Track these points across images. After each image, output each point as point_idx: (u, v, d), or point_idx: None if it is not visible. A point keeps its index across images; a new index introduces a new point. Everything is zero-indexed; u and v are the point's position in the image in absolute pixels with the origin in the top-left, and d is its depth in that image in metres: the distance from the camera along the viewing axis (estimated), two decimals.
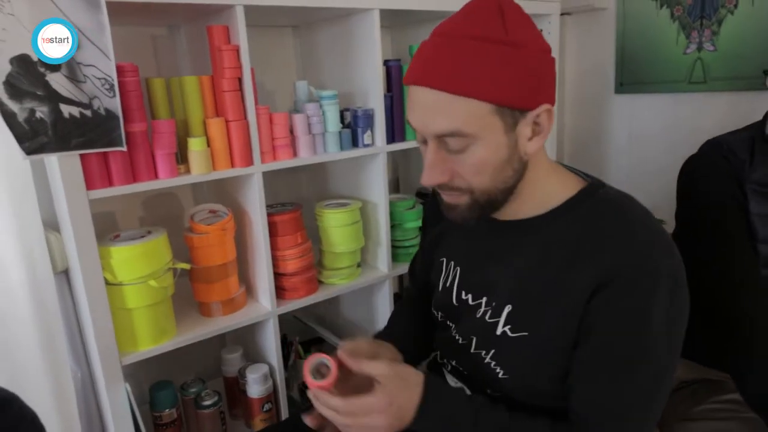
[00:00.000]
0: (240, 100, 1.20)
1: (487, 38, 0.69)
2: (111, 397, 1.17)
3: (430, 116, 0.73)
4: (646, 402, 0.74)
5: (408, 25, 1.73)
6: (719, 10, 1.76)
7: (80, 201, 1.04)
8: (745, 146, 1.14)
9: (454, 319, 0.93)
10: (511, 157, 0.75)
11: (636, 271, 0.71)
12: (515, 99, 0.71)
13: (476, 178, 0.75)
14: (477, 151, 0.73)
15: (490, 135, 0.72)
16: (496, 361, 0.83)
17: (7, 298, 1.21)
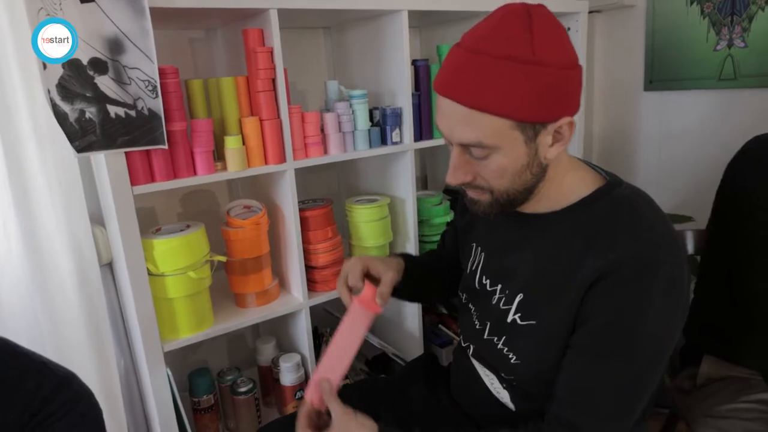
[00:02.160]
0: (273, 100, 1.25)
1: (512, 57, 0.71)
2: (154, 382, 1.24)
3: (454, 126, 0.76)
4: (624, 399, 0.76)
5: (436, 25, 1.76)
6: (750, 6, 1.75)
7: (125, 196, 1.11)
8: None
9: (474, 302, 0.97)
10: (531, 163, 0.78)
11: (635, 266, 0.74)
12: (536, 115, 0.74)
13: (496, 181, 0.80)
14: (498, 160, 0.77)
15: (511, 146, 0.75)
16: (507, 347, 0.87)
17: (57, 288, 1.29)
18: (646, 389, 0.78)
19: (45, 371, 0.83)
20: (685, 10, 1.91)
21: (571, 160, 0.87)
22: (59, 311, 1.30)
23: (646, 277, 0.74)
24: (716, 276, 1.25)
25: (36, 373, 0.82)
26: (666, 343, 0.77)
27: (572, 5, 1.69)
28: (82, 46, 0.99)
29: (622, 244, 0.75)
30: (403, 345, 1.68)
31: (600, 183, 0.85)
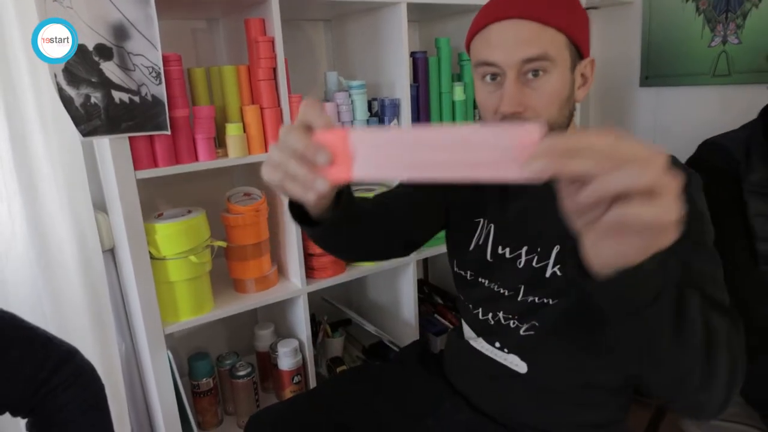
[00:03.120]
0: (274, 89, 1.27)
1: None
2: (155, 364, 1.26)
3: (521, 44, 0.82)
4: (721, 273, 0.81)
5: (434, 19, 1.78)
6: (744, 3, 1.78)
7: (129, 180, 1.13)
8: (740, 147, 1.16)
9: (487, 274, 1.00)
10: (570, 96, 0.86)
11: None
12: (580, 40, 0.84)
13: (547, 108, 0.84)
14: (552, 80, 0.83)
15: (562, 66, 0.83)
16: (544, 297, 0.91)
17: (60, 273, 1.32)
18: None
19: (50, 345, 0.86)
20: (681, 6, 1.93)
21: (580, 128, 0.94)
22: (62, 295, 1.33)
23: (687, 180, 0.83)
24: None
25: (42, 346, 0.85)
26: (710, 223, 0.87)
27: None
28: (88, 32, 1.01)
29: None
30: (400, 333, 1.71)
31: None
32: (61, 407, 0.83)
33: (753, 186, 1.13)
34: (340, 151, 0.55)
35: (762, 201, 1.13)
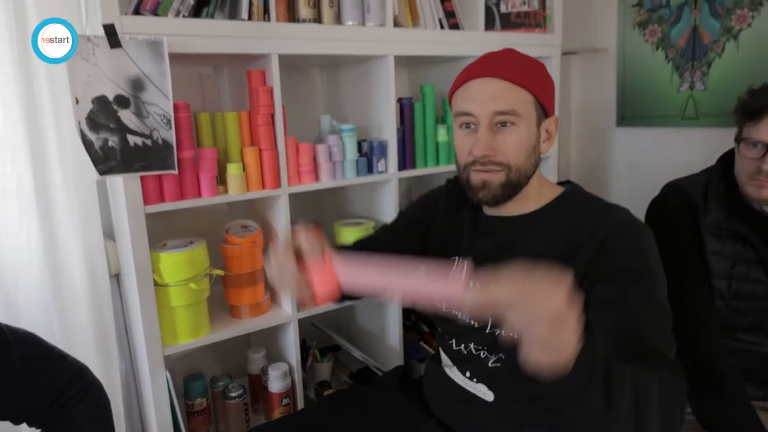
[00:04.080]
0: (272, 133, 1.40)
1: (525, 56, 1.00)
2: (154, 384, 1.36)
3: (494, 99, 0.95)
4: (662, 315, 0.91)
5: (422, 65, 1.93)
6: (708, 53, 1.93)
7: (138, 213, 1.25)
8: (699, 191, 1.27)
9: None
10: (535, 148, 1.00)
11: (622, 228, 0.94)
12: (545, 101, 0.99)
13: (515, 155, 0.97)
14: (519, 132, 0.96)
15: (529, 121, 0.97)
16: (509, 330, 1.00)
17: (70, 296, 1.42)
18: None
19: (65, 362, 0.97)
20: (652, 54, 2.09)
21: (545, 178, 1.09)
22: (70, 317, 1.43)
23: (635, 228, 0.94)
24: None
25: (57, 363, 0.95)
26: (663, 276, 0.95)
27: (546, 50, 1.86)
28: (109, 85, 1.14)
29: (605, 221, 0.95)
30: (385, 359, 1.80)
31: (563, 188, 1.06)
32: (73, 418, 0.93)
33: (708, 227, 1.25)
34: (326, 274, 0.75)
35: (717, 241, 1.25)
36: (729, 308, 1.24)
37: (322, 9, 1.42)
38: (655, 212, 1.36)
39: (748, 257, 1.22)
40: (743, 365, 1.24)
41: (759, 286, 1.21)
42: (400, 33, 1.55)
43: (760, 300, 1.22)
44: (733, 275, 1.23)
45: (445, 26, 1.66)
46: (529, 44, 1.80)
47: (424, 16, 1.61)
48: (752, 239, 1.21)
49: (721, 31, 1.88)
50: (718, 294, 1.25)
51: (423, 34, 1.60)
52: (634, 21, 2.12)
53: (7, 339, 0.89)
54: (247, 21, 1.30)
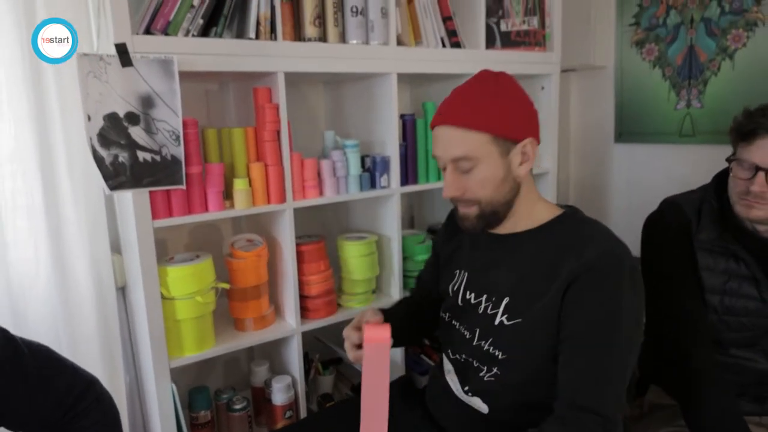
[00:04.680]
0: (278, 149, 1.43)
1: (484, 91, 1.00)
2: (160, 396, 1.37)
3: (449, 146, 1.01)
4: (618, 374, 0.92)
5: (424, 82, 1.96)
6: (704, 71, 1.98)
7: (146, 228, 1.27)
8: (693, 207, 1.30)
9: (458, 317, 1.14)
10: (507, 176, 1.01)
11: (604, 264, 0.94)
12: (506, 132, 0.99)
13: (481, 191, 1.02)
14: (480, 171, 1.00)
15: (489, 159, 0.99)
16: (494, 347, 1.04)
17: (77, 308, 1.44)
18: (631, 362, 0.94)
19: (76, 374, 0.99)
20: (649, 72, 2.13)
21: (538, 193, 1.10)
22: (77, 329, 1.45)
23: (614, 271, 0.94)
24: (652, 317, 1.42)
25: (69, 375, 0.97)
26: (639, 321, 0.95)
27: (546, 68, 1.90)
28: (120, 102, 1.17)
29: (590, 250, 0.96)
30: None
31: (562, 210, 1.08)
32: (84, 429, 0.95)
33: (701, 243, 1.27)
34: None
35: (709, 257, 1.27)
36: (722, 323, 1.26)
37: (327, 28, 1.46)
38: (652, 227, 1.39)
39: (741, 273, 1.24)
40: (738, 381, 1.26)
41: (751, 302, 1.24)
42: (403, 51, 1.59)
43: (751, 316, 1.24)
44: (725, 291, 1.25)
45: (446, 45, 1.69)
46: (529, 62, 1.84)
47: (427, 35, 1.65)
48: (744, 256, 1.23)
49: (716, 51, 1.93)
50: (711, 309, 1.27)
51: (425, 52, 1.64)
52: (631, 40, 2.16)
53: (22, 352, 0.91)
54: (255, 40, 1.33)
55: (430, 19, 1.65)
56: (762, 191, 1.15)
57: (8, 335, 0.92)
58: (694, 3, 1.96)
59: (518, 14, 1.81)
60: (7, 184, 1.33)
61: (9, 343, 0.92)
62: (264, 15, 1.33)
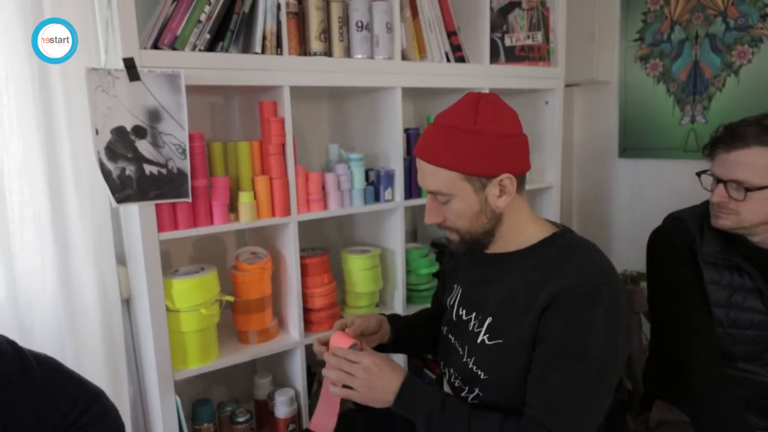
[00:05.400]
0: (282, 162, 1.44)
1: (458, 127, 0.98)
2: (164, 408, 1.37)
3: (424, 178, 1.03)
4: (581, 398, 0.92)
5: (428, 96, 1.97)
6: (709, 87, 1.98)
7: (152, 240, 1.28)
8: (696, 222, 1.32)
9: (453, 332, 1.15)
10: (483, 209, 1.01)
11: (579, 291, 0.93)
12: (478, 170, 0.98)
13: (458, 222, 1.04)
14: (455, 205, 1.02)
15: (463, 194, 1.00)
16: (477, 366, 1.04)
17: (83, 320, 1.45)
18: (599, 396, 0.94)
19: (83, 387, 0.99)
20: (653, 88, 2.14)
21: (531, 214, 1.09)
22: (82, 341, 1.46)
23: (588, 299, 0.93)
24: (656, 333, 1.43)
25: (76, 387, 0.98)
26: (610, 355, 0.93)
27: (550, 82, 1.91)
28: (128, 116, 1.19)
29: (569, 275, 0.95)
30: None
31: (554, 230, 1.07)
32: None
33: (705, 257, 1.28)
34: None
35: (714, 271, 1.28)
36: (727, 336, 1.26)
37: (332, 43, 1.47)
38: (656, 243, 1.39)
39: (745, 286, 1.25)
40: (744, 395, 1.25)
41: (757, 315, 1.24)
42: (408, 66, 1.60)
43: (757, 329, 1.24)
44: (730, 304, 1.26)
45: (451, 59, 1.71)
46: (533, 77, 1.85)
47: (431, 50, 1.67)
48: (748, 269, 1.24)
49: (721, 67, 1.93)
50: (716, 322, 1.27)
51: (430, 66, 1.65)
52: (635, 55, 2.17)
53: (31, 365, 0.92)
54: (261, 54, 1.35)
55: (434, 33, 1.67)
56: (721, 201, 1.22)
57: (16, 347, 0.93)
58: (699, 19, 1.97)
59: (522, 29, 1.82)
60: (15, 197, 1.34)
61: (17, 355, 0.92)
62: (270, 30, 1.34)
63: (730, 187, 1.20)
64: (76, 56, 1.19)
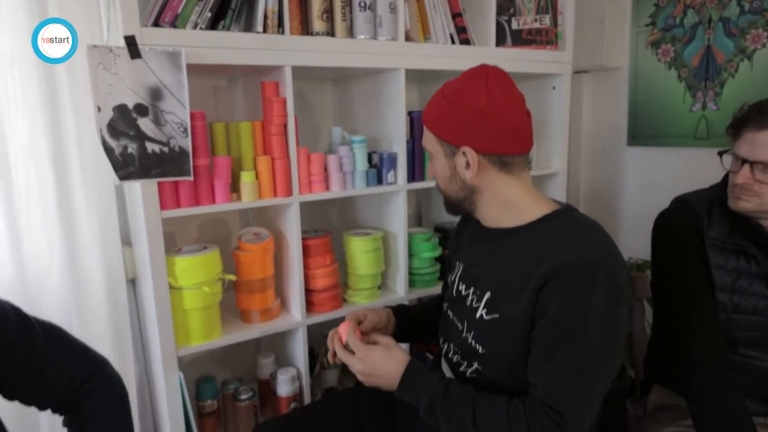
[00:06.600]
0: (284, 143, 1.45)
1: (443, 92, 1.05)
2: (167, 383, 1.40)
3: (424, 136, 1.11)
4: (582, 377, 0.92)
5: (432, 79, 1.96)
6: (721, 73, 1.95)
7: (155, 218, 1.30)
8: (704, 205, 1.29)
9: (453, 308, 1.15)
10: (454, 176, 1.06)
11: (577, 267, 0.92)
12: (445, 135, 1.04)
13: (438, 182, 1.12)
14: (435, 164, 1.10)
15: (439, 156, 1.07)
16: (476, 341, 1.05)
17: (89, 299, 1.48)
18: (601, 373, 0.94)
19: (87, 354, 1.02)
20: (664, 74, 2.10)
21: (531, 194, 1.08)
22: (89, 319, 1.49)
23: (587, 276, 0.92)
24: (658, 317, 1.41)
25: (80, 354, 1.00)
26: (610, 332, 0.93)
27: (557, 67, 1.89)
28: (130, 94, 1.20)
29: (567, 251, 0.94)
30: None
31: (556, 207, 1.07)
32: (94, 407, 0.98)
33: (712, 240, 1.26)
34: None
35: (720, 255, 1.26)
36: (730, 322, 1.24)
37: (335, 23, 1.47)
38: (663, 226, 1.37)
39: (751, 271, 1.23)
40: (745, 380, 1.24)
41: (761, 300, 1.22)
42: (412, 47, 1.59)
43: (761, 315, 1.22)
44: (735, 289, 1.24)
45: (456, 41, 1.70)
46: (540, 61, 1.83)
47: (436, 31, 1.66)
48: (755, 253, 1.22)
49: (735, 51, 1.90)
50: (720, 307, 1.26)
51: (434, 48, 1.65)
52: (647, 40, 2.14)
53: (35, 330, 0.94)
54: (262, 33, 1.35)
55: (439, 15, 1.65)
56: (746, 183, 1.18)
57: (21, 314, 0.95)
58: (712, 2, 1.93)
59: (530, 12, 1.81)
60: (21, 176, 1.37)
61: (23, 322, 0.95)
62: (272, 9, 1.35)
63: (756, 168, 1.16)
64: (79, 35, 1.20)
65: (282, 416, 1.33)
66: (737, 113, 1.23)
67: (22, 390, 0.95)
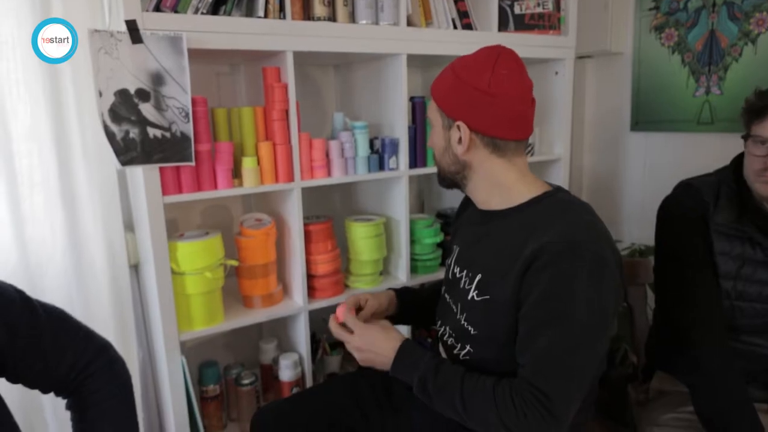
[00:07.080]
0: (286, 128, 1.45)
1: (452, 67, 1.06)
2: (170, 367, 1.41)
3: None
4: (567, 357, 0.91)
5: (434, 64, 1.95)
6: (725, 57, 1.93)
7: (157, 203, 1.30)
8: (711, 190, 1.27)
9: (449, 291, 1.16)
10: (447, 149, 1.08)
11: (562, 247, 0.92)
12: (444, 106, 1.06)
13: (434, 151, 1.14)
14: (433, 132, 1.12)
15: (437, 125, 1.10)
16: (467, 322, 1.06)
17: (92, 284, 1.49)
18: (589, 353, 0.93)
19: (90, 338, 1.02)
20: (668, 58, 2.09)
21: (524, 177, 1.08)
22: (91, 304, 1.50)
23: (571, 256, 0.92)
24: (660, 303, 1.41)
25: (83, 338, 1.01)
26: (596, 312, 0.92)
27: (560, 52, 1.88)
28: (131, 79, 1.20)
29: (552, 232, 0.95)
30: None
31: (547, 189, 1.07)
32: (97, 390, 0.99)
33: (718, 226, 1.25)
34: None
35: (725, 241, 1.25)
36: (734, 309, 1.24)
37: (336, 8, 1.46)
38: (667, 211, 1.36)
39: (756, 258, 1.23)
40: (747, 367, 1.24)
41: (766, 288, 1.22)
42: (413, 32, 1.58)
43: (765, 302, 1.22)
44: (739, 276, 1.24)
45: (458, 26, 1.69)
46: (543, 46, 1.82)
47: (438, 16, 1.65)
48: (761, 240, 1.22)
49: (739, 35, 1.88)
50: (724, 294, 1.25)
51: (436, 33, 1.64)
52: (650, 24, 2.12)
53: (39, 313, 0.95)
54: (263, 18, 1.35)
55: None
56: None
57: (24, 296, 0.96)
58: None
59: None
60: (24, 161, 1.37)
61: (26, 304, 0.95)
62: None
63: None
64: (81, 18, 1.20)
65: (283, 400, 1.34)
66: (753, 98, 1.20)
67: (25, 372, 0.96)
